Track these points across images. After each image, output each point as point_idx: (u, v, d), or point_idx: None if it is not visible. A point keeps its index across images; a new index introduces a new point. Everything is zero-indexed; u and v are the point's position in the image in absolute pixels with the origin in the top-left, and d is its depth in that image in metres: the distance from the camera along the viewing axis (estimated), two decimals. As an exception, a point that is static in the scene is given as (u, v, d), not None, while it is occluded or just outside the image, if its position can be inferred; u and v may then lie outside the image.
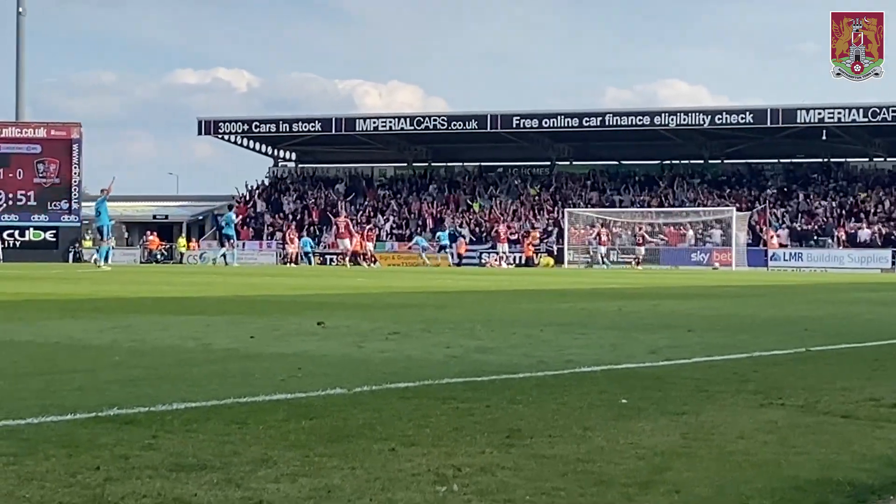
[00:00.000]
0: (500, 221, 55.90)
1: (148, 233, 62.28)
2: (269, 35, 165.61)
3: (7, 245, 53.27)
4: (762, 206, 54.25)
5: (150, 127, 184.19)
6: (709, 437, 4.80)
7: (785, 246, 52.08)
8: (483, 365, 7.37)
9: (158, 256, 59.08)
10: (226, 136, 64.64)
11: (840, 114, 53.28)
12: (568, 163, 64.70)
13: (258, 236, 60.07)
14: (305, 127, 61.76)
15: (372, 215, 60.46)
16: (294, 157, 69.40)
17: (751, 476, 4.02)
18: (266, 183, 67.60)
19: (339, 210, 57.32)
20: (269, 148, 67.72)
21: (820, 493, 3.80)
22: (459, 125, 59.55)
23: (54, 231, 54.90)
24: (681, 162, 62.72)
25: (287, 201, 64.30)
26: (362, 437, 4.63)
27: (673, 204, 57.55)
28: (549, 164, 64.77)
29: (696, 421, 5.21)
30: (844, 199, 56.08)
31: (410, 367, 7.26)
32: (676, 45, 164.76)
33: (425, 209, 60.99)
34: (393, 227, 59.73)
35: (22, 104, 58.73)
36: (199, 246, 60.97)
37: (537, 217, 58.35)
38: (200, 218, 68.00)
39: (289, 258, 53.21)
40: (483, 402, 5.66)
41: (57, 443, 4.40)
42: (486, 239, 56.38)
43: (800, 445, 4.61)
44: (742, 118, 55.21)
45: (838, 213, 54.66)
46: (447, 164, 66.53)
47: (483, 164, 65.75)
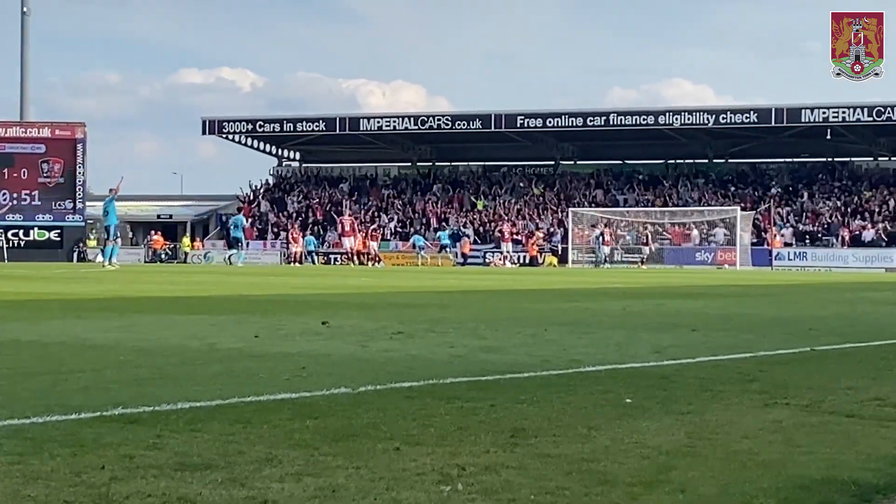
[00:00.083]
0: (504, 221, 55.86)
1: (152, 232, 62.38)
2: (274, 35, 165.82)
3: (11, 244, 53.31)
4: (766, 205, 54.21)
5: (155, 126, 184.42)
6: (714, 436, 4.80)
7: (790, 245, 52.03)
8: (487, 364, 7.37)
9: (163, 256, 59.16)
10: (230, 136, 64.65)
11: (845, 113, 53.20)
12: (572, 162, 64.63)
13: (262, 236, 60.09)
14: (309, 126, 61.74)
15: (376, 215, 60.46)
16: (298, 156, 69.42)
17: (756, 475, 4.02)
18: (270, 183, 67.62)
19: (343, 209, 57.36)
20: (274, 147, 67.74)
21: (825, 493, 3.79)
22: (463, 125, 59.49)
23: (59, 231, 54.90)
24: (685, 161, 62.65)
25: (291, 201, 64.31)
26: (367, 437, 4.63)
27: (677, 203, 57.48)
28: (553, 163, 64.72)
29: (701, 420, 5.21)
30: (849, 199, 56.01)
31: (415, 366, 7.26)
32: (681, 45, 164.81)
33: (429, 209, 60.97)
34: (397, 227, 59.73)
35: (26, 104, 58.78)
36: (203, 245, 61.04)
37: (541, 217, 58.31)
38: (205, 217, 68.06)
39: (293, 258, 53.24)
40: (487, 401, 5.66)
41: (62, 442, 4.40)
42: (490, 238, 56.37)
43: (805, 445, 4.61)
44: (746, 117, 55.14)
45: (843, 212, 54.60)
46: (451, 164, 66.50)
47: (487, 164, 65.69)
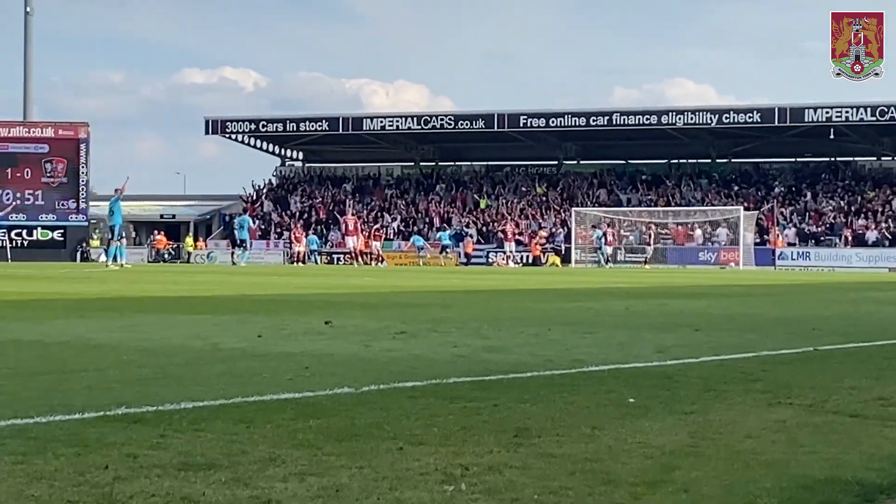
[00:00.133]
0: (507, 221, 55.86)
1: (155, 232, 62.40)
2: (276, 34, 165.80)
3: (15, 244, 53.34)
4: (769, 205, 54.16)
5: (158, 126, 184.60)
6: (717, 436, 4.79)
7: (794, 245, 51.99)
8: (490, 364, 7.36)
9: (166, 256, 59.20)
10: (233, 136, 64.68)
11: (848, 113, 53.15)
12: (575, 162, 64.62)
13: (265, 236, 60.11)
14: (312, 126, 61.74)
15: (379, 215, 60.46)
16: (301, 156, 69.43)
17: (759, 475, 4.01)
18: (273, 182, 67.63)
19: (346, 209, 57.35)
20: (277, 147, 67.76)
21: (828, 493, 3.79)
22: (466, 124, 59.47)
23: (62, 230, 54.93)
24: (688, 161, 62.65)
25: (294, 201, 64.32)
26: (370, 437, 4.63)
27: (680, 203, 57.45)
28: (556, 163, 64.71)
29: (704, 420, 5.21)
30: (852, 199, 55.97)
31: (418, 366, 7.26)
32: (680, 45, 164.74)
33: (432, 208, 60.97)
34: (400, 227, 59.72)
35: (29, 104, 58.78)
36: (206, 245, 61.07)
37: (544, 216, 58.30)
38: (208, 217, 68.06)
39: (295, 257, 53.25)
40: (491, 401, 5.66)
41: (65, 442, 4.40)
42: (493, 238, 56.35)
43: (808, 445, 4.61)
44: (749, 117, 55.11)
45: (846, 212, 54.56)
46: (454, 164, 66.51)
47: (490, 164, 65.69)
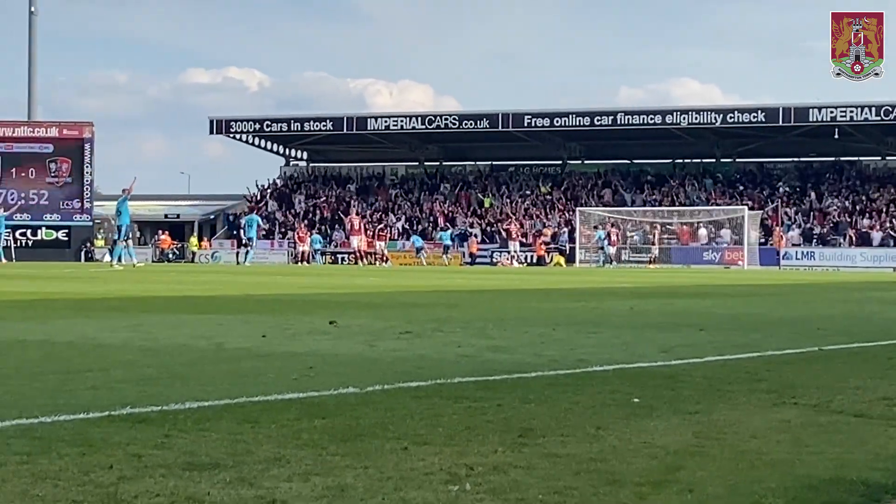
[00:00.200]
0: (512, 220, 55.84)
1: (160, 232, 62.44)
2: (281, 34, 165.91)
3: (19, 244, 53.40)
4: (774, 205, 54.10)
5: (162, 126, 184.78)
6: (721, 436, 4.79)
7: (798, 245, 51.94)
8: (495, 364, 7.36)
9: (170, 256, 59.22)
10: (237, 136, 64.71)
11: (852, 112, 53.09)
12: (579, 162, 64.60)
13: (269, 235, 60.14)
14: (317, 126, 61.73)
15: (384, 215, 60.46)
16: (306, 156, 69.45)
17: (764, 475, 4.01)
18: (278, 182, 67.66)
19: (350, 209, 57.34)
20: (281, 147, 67.77)
21: (833, 493, 3.79)
22: (471, 124, 59.47)
23: (66, 230, 55.00)
24: (692, 161, 62.60)
25: (298, 200, 64.34)
26: (375, 436, 4.63)
27: (684, 203, 57.40)
28: (560, 163, 64.69)
29: (709, 420, 5.20)
30: (857, 198, 55.90)
31: (422, 366, 7.25)
32: (681, 45, 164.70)
33: (436, 208, 60.97)
34: (404, 227, 59.72)
35: (34, 103, 58.85)
36: (210, 245, 61.11)
37: (549, 216, 58.28)
38: (212, 217, 68.09)
39: (300, 257, 53.25)
40: (495, 401, 5.65)
41: (70, 441, 4.40)
42: (497, 238, 56.34)
43: (813, 445, 4.60)
44: (754, 117, 55.06)
45: (850, 211, 54.49)
46: (458, 164, 66.51)
47: (494, 164, 65.68)
